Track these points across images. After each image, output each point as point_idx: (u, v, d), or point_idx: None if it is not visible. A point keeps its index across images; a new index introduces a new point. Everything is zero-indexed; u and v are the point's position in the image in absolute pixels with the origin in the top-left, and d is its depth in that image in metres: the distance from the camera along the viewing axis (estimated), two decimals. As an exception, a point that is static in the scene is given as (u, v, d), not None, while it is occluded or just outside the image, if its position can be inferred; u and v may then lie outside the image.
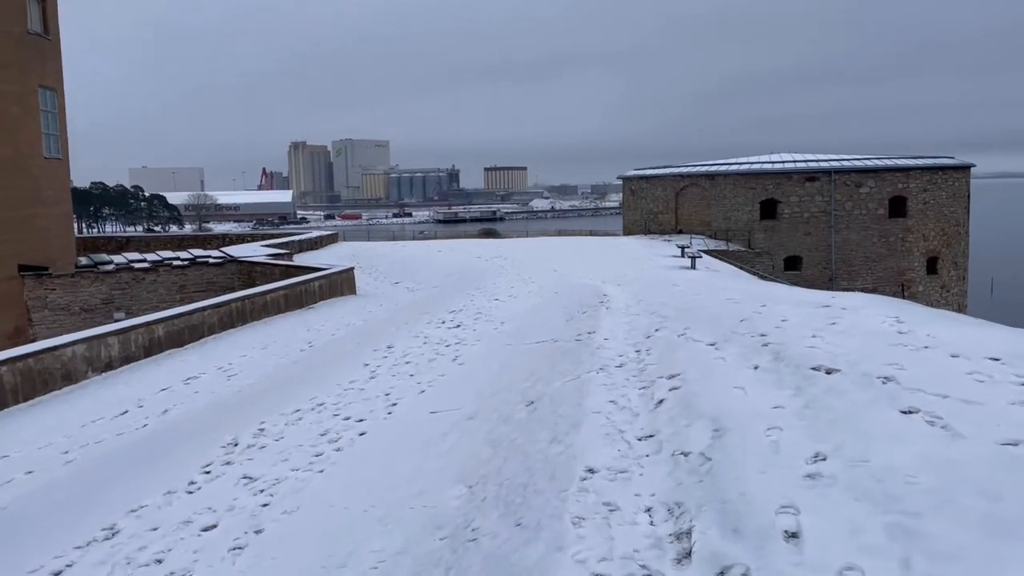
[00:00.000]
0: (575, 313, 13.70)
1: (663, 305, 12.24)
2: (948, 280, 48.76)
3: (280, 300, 20.77)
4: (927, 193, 46.51)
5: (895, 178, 45.78)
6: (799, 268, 46.09)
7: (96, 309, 32.16)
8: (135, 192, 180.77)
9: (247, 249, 38.79)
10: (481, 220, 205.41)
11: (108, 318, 30.41)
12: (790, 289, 13.71)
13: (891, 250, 46.36)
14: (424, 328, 14.59)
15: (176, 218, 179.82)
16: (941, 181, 47.01)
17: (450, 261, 33.51)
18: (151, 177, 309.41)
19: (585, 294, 16.76)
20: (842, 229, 45.85)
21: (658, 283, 17.40)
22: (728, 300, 10.79)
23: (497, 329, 13.72)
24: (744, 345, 7.48)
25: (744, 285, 15.26)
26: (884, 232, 45.90)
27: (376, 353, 12.35)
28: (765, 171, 46.33)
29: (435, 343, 12.75)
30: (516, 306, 16.97)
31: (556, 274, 24.86)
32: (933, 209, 46.81)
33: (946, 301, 48.54)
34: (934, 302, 47.50)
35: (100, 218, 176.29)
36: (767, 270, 43.52)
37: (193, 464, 7.64)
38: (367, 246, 46.91)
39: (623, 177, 55.65)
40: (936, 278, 47.88)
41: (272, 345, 16.31)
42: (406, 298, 23.99)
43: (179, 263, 33.20)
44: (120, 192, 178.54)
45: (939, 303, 47.75)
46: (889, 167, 45.75)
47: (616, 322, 11.46)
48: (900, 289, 46.93)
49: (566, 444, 5.99)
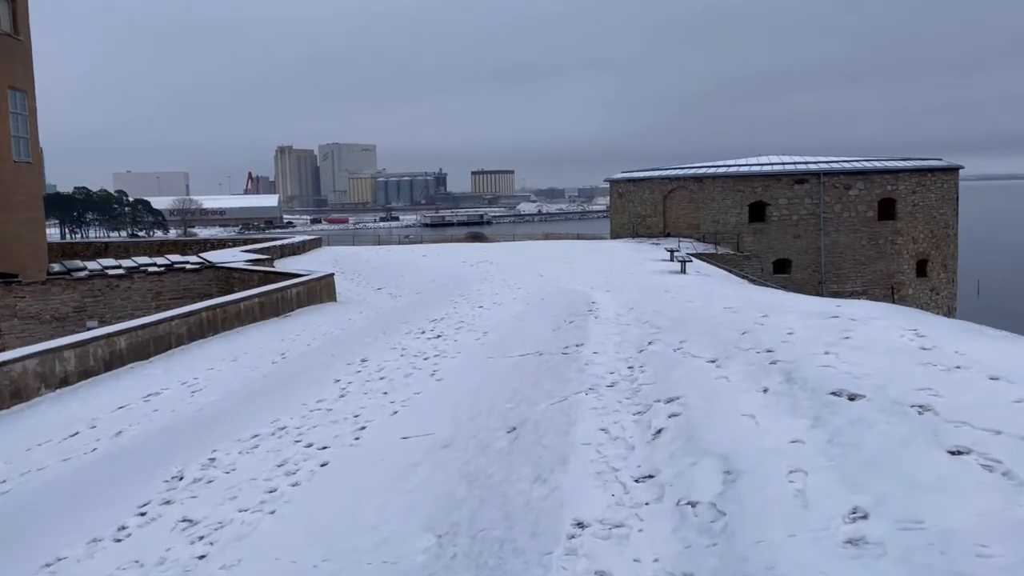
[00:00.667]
0: (562, 322, 12.89)
1: (656, 314, 11.47)
2: (938, 283, 48.36)
3: (255, 308, 19.85)
4: (916, 195, 46.09)
5: (884, 180, 45.33)
6: (788, 271, 45.55)
7: (68, 318, 31.05)
8: (119, 197, 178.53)
9: (226, 254, 37.77)
10: (468, 224, 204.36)
11: (81, 327, 29.32)
12: (790, 296, 13.00)
13: (880, 253, 45.88)
14: (403, 339, 13.75)
15: (160, 223, 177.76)
16: (930, 183, 46.61)
17: (435, 266, 32.66)
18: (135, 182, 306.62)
19: (573, 301, 15.96)
20: (831, 232, 45.33)
21: (649, 289, 16.63)
22: (726, 309, 10.02)
23: (479, 340, 12.90)
24: (749, 362, 6.69)
25: (740, 291, 14.51)
26: (873, 235, 45.41)
27: (349, 367, 11.49)
28: (754, 173, 45.75)
29: (413, 356, 11.92)
30: (500, 314, 16.15)
31: (543, 280, 24.06)
32: (922, 211, 46.39)
33: (936, 304, 48.15)
34: (924, 305, 47.07)
35: (83, 223, 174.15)
36: (756, 273, 42.94)
37: (130, 502, 6.76)
38: (351, 251, 45.98)
39: (610, 180, 54.97)
40: (926, 281, 47.45)
41: (243, 357, 15.41)
42: (388, 305, 23.12)
43: (154, 269, 32.14)
44: (103, 197, 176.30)
45: (929, 306, 47.32)
46: (878, 169, 45.29)
47: (606, 333, 10.67)
48: (890, 292, 46.47)
49: (551, 486, 5.17)
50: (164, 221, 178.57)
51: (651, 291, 16.32)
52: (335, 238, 78.32)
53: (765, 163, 47.10)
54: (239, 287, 31.21)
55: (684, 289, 15.80)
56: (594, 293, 17.76)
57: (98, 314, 31.03)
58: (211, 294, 33.50)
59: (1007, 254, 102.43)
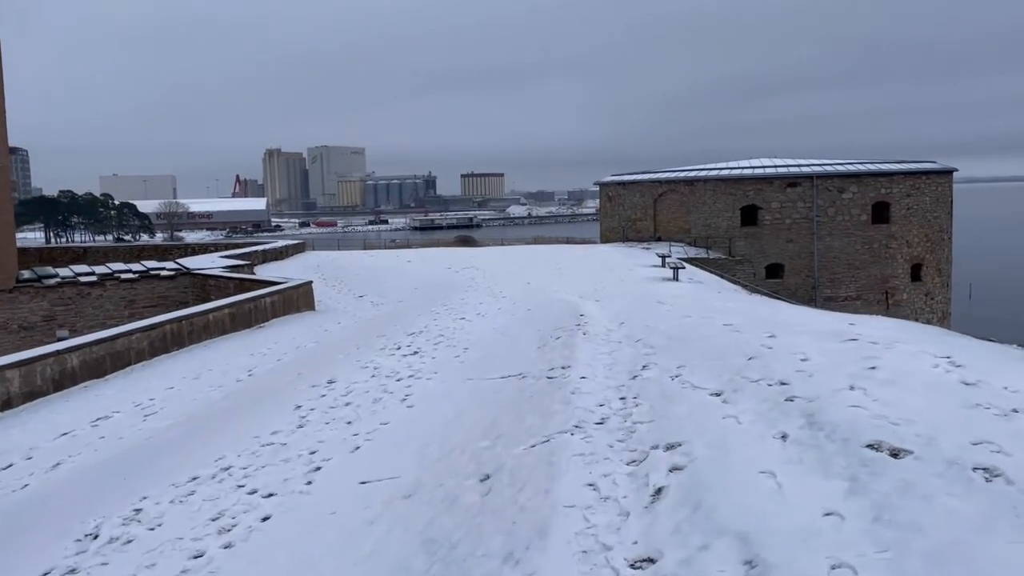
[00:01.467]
0: (548, 338, 11.90)
1: (649, 330, 10.50)
2: (932, 287, 47.68)
3: (225, 320, 18.76)
4: (910, 198, 45.41)
5: (878, 183, 44.62)
6: (781, 276, 44.76)
7: (37, 327, 29.83)
8: (104, 200, 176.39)
9: (204, 260, 36.56)
10: (458, 227, 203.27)
11: (50, 337, 28.12)
12: (795, 311, 12.03)
13: (875, 257, 45.15)
14: (376, 355, 12.71)
15: (147, 227, 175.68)
16: (924, 186, 45.93)
17: (419, 272, 31.61)
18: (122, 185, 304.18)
19: (560, 313, 14.96)
20: (825, 236, 44.57)
21: (641, 300, 15.66)
22: (727, 327, 9.06)
23: (459, 357, 11.89)
24: (761, 398, 5.70)
25: (740, 304, 13.54)
26: (867, 239, 44.68)
27: (315, 390, 10.47)
28: (746, 176, 44.91)
29: (385, 376, 10.90)
30: (483, 327, 15.13)
31: (530, 288, 23.07)
32: (917, 215, 45.70)
33: (930, 309, 47.51)
34: (919, 310, 46.40)
35: (69, 227, 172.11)
36: (748, 278, 42.10)
37: (24, 573, 5.70)
38: (335, 256, 44.87)
39: (600, 183, 54.06)
40: (920, 285, 46.76)
41: (206, 374, 14.32)
42: (367, 314, 22.07)
43: (128, 276, 30.94)
44: (89, 200, 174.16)
45: (923, 311, 46.65)
46: (872, 172, 44.58)
47: (595, 352, 9.70)
48: (884, 297, 45.78)
49: (525, 570, 4.17)
50: (150, 225, 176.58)
51: (643, 302, 15.34)
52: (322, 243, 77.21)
53: (757, 166, 46.30)
54: (215, 295, 30.09)
55: (679, 300, 14.84)
56: (583, 303, 16.78)
57: (69, 323, 29.83)
58: (187, 302, 32.35)
59: (997, 258, 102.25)
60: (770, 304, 13.90)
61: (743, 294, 18.50)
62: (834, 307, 44.25)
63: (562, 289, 22.11)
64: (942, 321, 48.16)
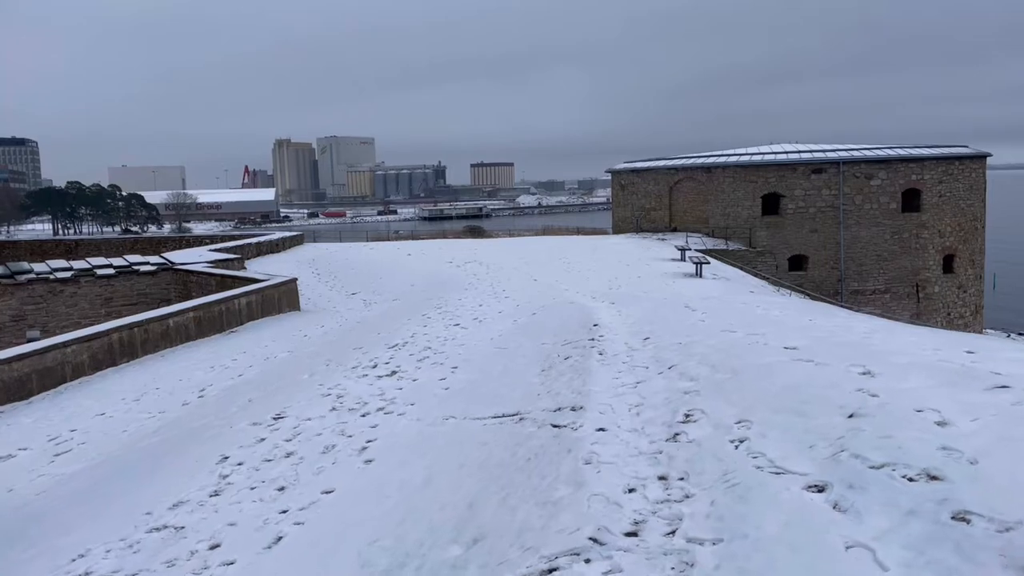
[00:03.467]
0: (554, 357, 9.54)
1: (683, 351, 8.13)
2: (965, 279, 45.02)
3: (189, 325, 16.48)
4: (943, 185, 42.63)
5: (909, 169, 41.84)
6: (804, 268, 42.20)
7: (5, 328, 27.71)
8: (112, 191, 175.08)
9: (192, 255, 34.37)
10: (467, 217, 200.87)
11: (20, 337, 26.00)
12: (871, 325, 9.52)
13: (905, 247, 42.47)
14: (346, 377, 10.38)
15: (155, 217, 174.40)
16: (957, 172, 43.13)
17: (419, 267, 29.29)
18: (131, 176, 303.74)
19: (570, 321, 12.59)
20: (851, 225, 41.89)
21: (664, 304, 13.28)
22: (791, 353, 6.66)
23: (444, 381, 9.55)
24: (903, 508, 3.32)
25: (792, 312, 11.02)
26: (897, 228, 41.99)
27: (255, 429, 8.16)
28: (767, 163, 42.25)
29: (348, 408, 8.59)
30: (479, 337, 12.78)
31: (536, 286, 20.71)
32: (949, 202, 42.93)
33: (963, 303, 44.90)
34: (951, 304, 43.80)
35: (77, 218, 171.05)
36: (770, 271, 39.63)
37: None
38: (334, 248, 42.59)
39: (612, 171, 51.47)
40: (953, 277, 44.08)
41: (150, 395, 12.05)
42: (355, 316, 19.75)
43: (104, 272, 28.73)
44: (96, 192, 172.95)
45: (956, 305, 44.06)
46: (902, 157, 41.77)
47: (614, 383, 7.38)
48: (915, 290, 43.16)
49: None
50: (158, 216, 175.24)
51: (668, 307, 12.93)
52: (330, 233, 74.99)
53: (779, 151, 43.60)
54: (196, 292, 27.87)
55: (710, 304, 12.43)
56: (597, 307, 14.39)
57: (40, 323, 27.69)
58: (169, 299, 30.16)
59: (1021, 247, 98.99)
60: (828, 313, 11.43)
61: (782, 296, 15.95)
62: (861, 301, 41.67)
63: (572, 287, 19.72)
64: (975, 315, 45.55)
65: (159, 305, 28.15)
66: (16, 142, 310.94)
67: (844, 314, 10.56)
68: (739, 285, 19.52)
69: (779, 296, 17.31)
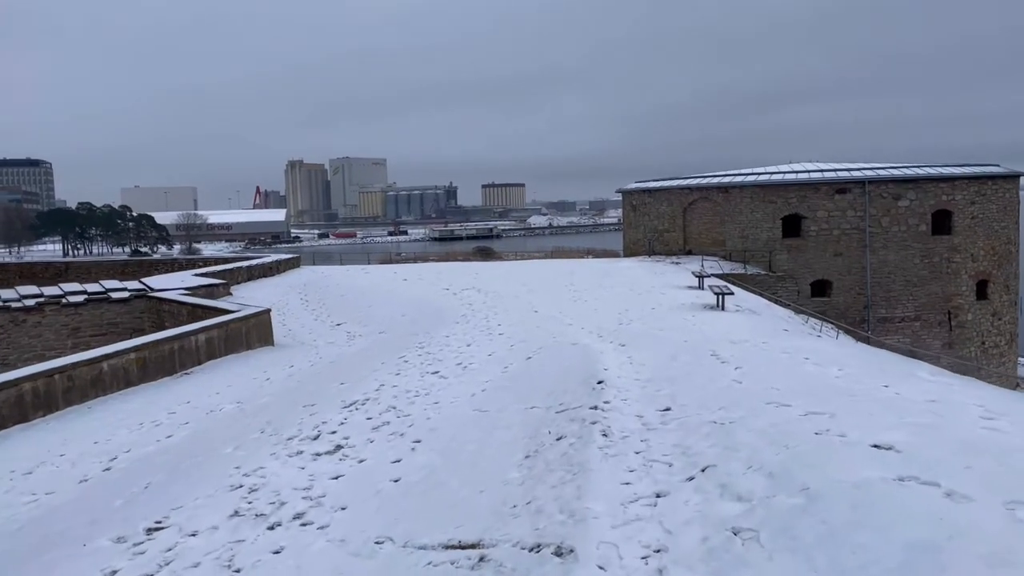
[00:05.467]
0: (544, 435, 7.20)
1: (719, 435, 5.80)
2: (999, 306, 42.24)
3: (130, 368, 14.21)
4: (975, 206, 40.03)
5: (939, 189, 39.28)
6: (828, 294, 39.59)
7: (-38, 361, 25.58)
8: (122, 212, 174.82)
9: (173, 279, 32.25)
10: (477, 238, 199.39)
11: (-19, 370, 23.88)
12: (993, 396, 7.08)
13: (935, 272, 39.77)
14: (273, 456, 8.00)
15: (165, 238, 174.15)
16: (991, 192, 40.53)
17: (412, 295, 27.02)
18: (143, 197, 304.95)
19: (571, 372, 10.23)
20: (878, 249, 39.27)
21: (686, 349, 10.91)
22: (894, 464, 4.32)
23: (397, 467, 7.21)
24: None
25: (859, 373, 8.50)
26: (927, 252, 39.37)
27: (111, 552, 5.79)
28: (788, 182, 39.80)
29: (256, 513, 6.25)
30: (458, 391, 10.43)
31: (536, 319, 18.34)
32: (982, 225, 40.28)
33: (997, 331, 42.11)
34: (985, 332, 41.07)
35: (87, 239, 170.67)
36: (791, 297, 37.12)
37: None
38: (329, 272, 40.44)
39: (623, 191, 49.20)
40: (987, 304, 41.32)
41: (47, 467, 9.73)
42: (331, 354, 17.46)
43: (71, 301, 26.61)
44: (107, 213, 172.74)
45: (991, 333, 41.32)
46: (932, 176, 39.24)
47: (624, 499, 5.05)
48: (947, 318, 40.44)
49: None
50: (168, 236, 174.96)
51: (690, 353, 10.54)
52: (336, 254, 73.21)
53: (800, 170, 41.14)
54: (169, 322, 25.71)
55: (744, 353, 10.05)
56: (603, 351, 12.02)
57: (0, 356, 25.57)
58: (142, 329, 28.01)
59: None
60: (903, 371, 8.89)
61: (827, 339, 13.32)
62: (889, 329, 39.03)
63: (577, 321, 17.36)
64: (1010, 344, 42.84)
65: (131, 335, 25.99)
66: (30, 163, 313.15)
67: (925, 373, 8.15)
68: (768, 320, 17.08)
69: (824, 341, 14.76)
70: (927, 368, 8.74)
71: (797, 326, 18.61)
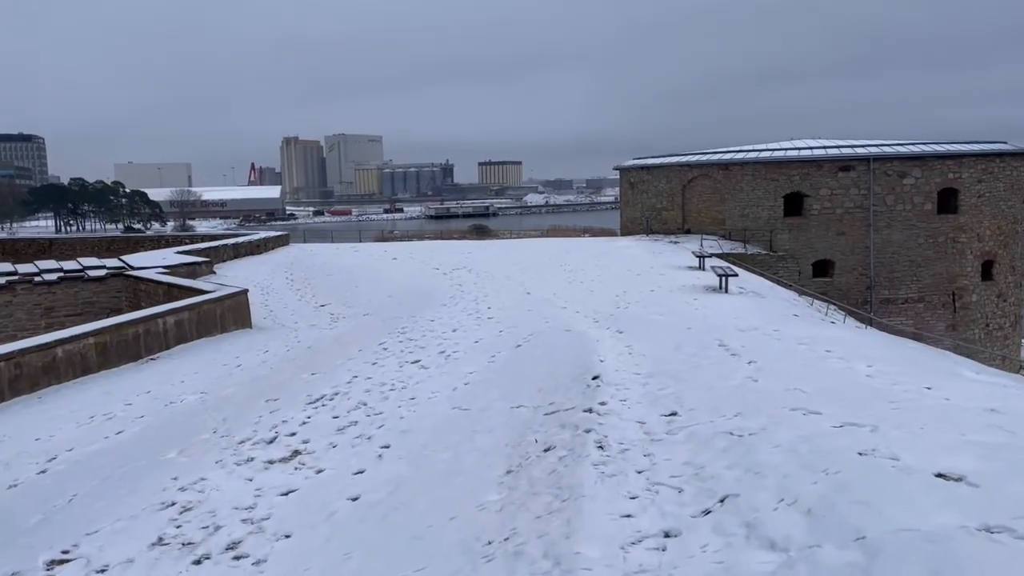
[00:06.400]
0: (530, 445, 6.19)
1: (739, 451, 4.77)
2: (1005, 288, 41.24)
3: (88, 354, 13.14)
4: (982, 184, 38.86)
5: (945, 167, 38.07)
6: (830, 275, 38.52)
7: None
8: (115, 188, 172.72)
9: (154, 257, 31.10)
10: (473, 216, 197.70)
11: (-49, 352, 22.78)
12: None
13: (940, 252, 38.68)
14: (219, 464, 6.95)
15: (158, 215, 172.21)
16: (998, 170, 39.34)
17: (401, 275, 25.94)
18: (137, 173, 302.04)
19: (563, 363, 9.20)
20: (882, 228, 38.13)
21: (691, 338, 9.88)
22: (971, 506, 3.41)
23: (357, 480, 6.19)
24: None
25: (895, 371, 7.37)
26: (932, 231, 38.24)
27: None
28: (790, 159, 38.57)
29: (183, 543, 5.18)
30: (439, 384, 9.40)
31: (529, 301, 17.30)
32: (989, 204, 39.13)
33: (1002, 312, 41.16)
34: (989, 315, 40.15)
35: (79, 215, 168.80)
36: (792, 277, 36.11)
37: None
38: (318, 251, 39.26)
39: (620, 168, 47.93)
40: (992, 285, 40.29)
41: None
42: (310, 338, 16.41)
43: (43, 279, 25.48)
44: (99, 188, 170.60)
45: (995, 315, 40.41)
46: (939, 153, 37.99)
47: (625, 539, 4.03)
48: (951, 299, 39.43)
49: None
50: (162, 213, 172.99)
51: (695, 343, 9.51)
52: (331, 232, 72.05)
53: (803, 147, 39.88)
54: (145, 301, 24.63)
55: (755, 342, 9.01)
56: (599, 339, 10.99)
57: (-30, 337, 24.48)
58: (120, 308, 26.92)
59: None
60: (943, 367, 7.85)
61: (850, 328, 12.17)
62: (892, 311, 38.08)
63: (572, 304, 16.31)
64: (1014, 327, 41.99)
65: (107, 315, 24.88)
66: (23, 138, 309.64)
67: (970, 371, 7.15)
68: (775, 304, 16.06)
69: (843, 329, 13.63)
70: (971, 365, 7.69)
71: (806, 310, 17.60)
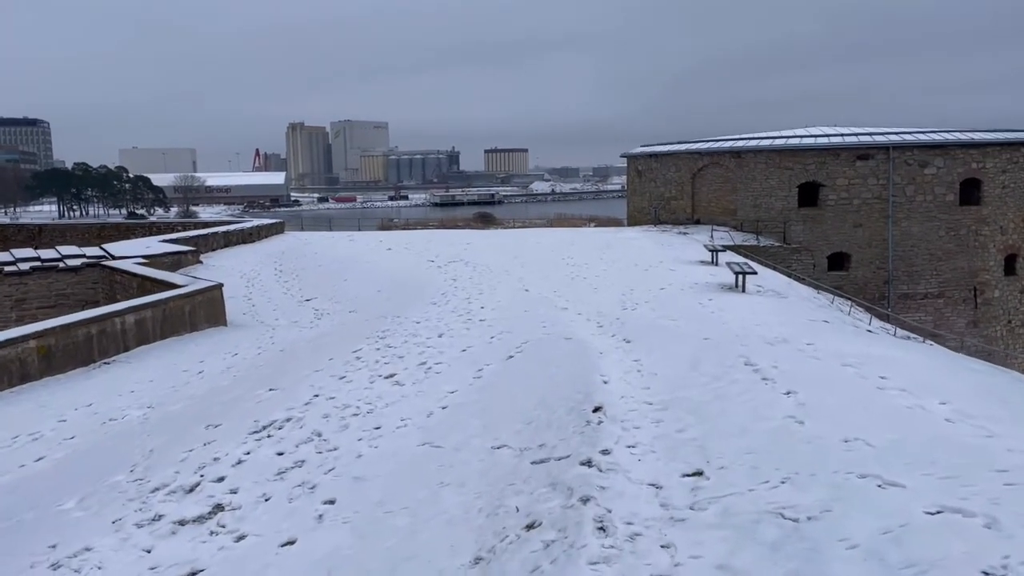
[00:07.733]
0: (509, 515, 4.68)
1: (792, 539, 3.34)
2: (1028, 283, 39.47)
3: (27, 360, 11.69)
4: (1007, 175, 37.06)
5: (968, 156, 36.27)
6: (846, 268, 36.87)
7: None
8: (118, 173, 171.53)
9: (137, 246, 29.58)
10: (479, 203, 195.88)
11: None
12: None
13: (962, 245, 36.94)
14: (114, 529, 5.47)
15: (161, 200, 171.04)
16: (1023, 160, 37.52)
17: (393, 267, 24.45)
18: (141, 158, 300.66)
19: (559, 384, 7.70)
20: (901, 220, 36.38)
21: (710, 354, 8.36)
22: None
23: (283, 553, 4.73)
24: None
25: (986, 420, 5.81)
26: (954, 223, 36.51)
27: None
28: (805, 147, 36.83)
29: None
30: (411, 408, 7.92)
31: (526, 300, 15.76)
32: (1013, 195, 37.36)
33: (1025, 308, 39.46)
34: (1012, 311, 38.48)
35: (83, 200, 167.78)
36: (806, 271, 34.47)
37: None
38: (310, 240, 37.71)
39: (627, 155, 46.20)
40: (1015, 280, 38.55)
41: None
42: (286, 339, 14.93)
43: (19, 269, 24.04)
44: (103, 173, 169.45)
45: (1018, 311, 38.73)
46: (962, 142, 36.18)
47: None
48: (972, 294, 37.73)
49: None
50: (165, 198, 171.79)
51: (715, 360, 7.99)
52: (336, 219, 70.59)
53: (819, 135, 38.09)
54: (121, 294, 23.17)
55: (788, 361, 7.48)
56: (603, 351, 9.47)
57: (-64, 330, 23.11)
58: (96, 300, 25.49)
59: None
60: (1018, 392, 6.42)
61: (902, 346, 10.51)
62: (911, 306, 36.45)
63: (573, 304, 14.78)
64: (1038, 322, 40.35)
65: (83, 307, 23.50)
66: (28, 122, 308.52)
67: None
68: (799, 306, 14.51)
69: (887, 342, 11.95)
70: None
71: (834, 314, 16.01)
